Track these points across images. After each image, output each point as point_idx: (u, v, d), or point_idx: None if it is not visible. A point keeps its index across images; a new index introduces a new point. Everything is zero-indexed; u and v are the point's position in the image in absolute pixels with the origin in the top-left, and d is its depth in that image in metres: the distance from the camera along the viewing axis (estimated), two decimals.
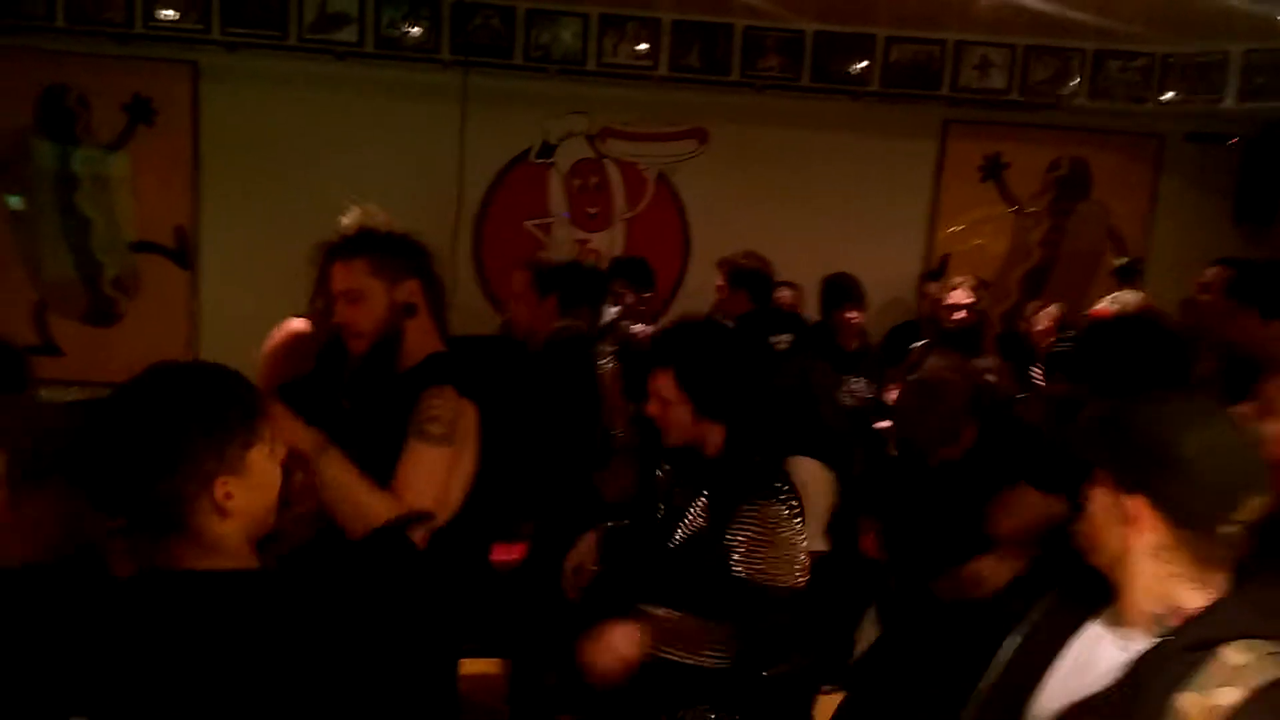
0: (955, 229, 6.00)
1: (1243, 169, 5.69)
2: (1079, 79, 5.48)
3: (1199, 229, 5.62)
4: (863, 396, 4.52)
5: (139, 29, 5.19)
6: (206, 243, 5.72)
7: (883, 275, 5.41)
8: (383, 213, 2.32)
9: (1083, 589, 1.47)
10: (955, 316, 4.41)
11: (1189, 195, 5.87)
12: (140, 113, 5.57)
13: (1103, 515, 1.40)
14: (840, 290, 4.66)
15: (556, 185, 5.91)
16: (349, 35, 5.31)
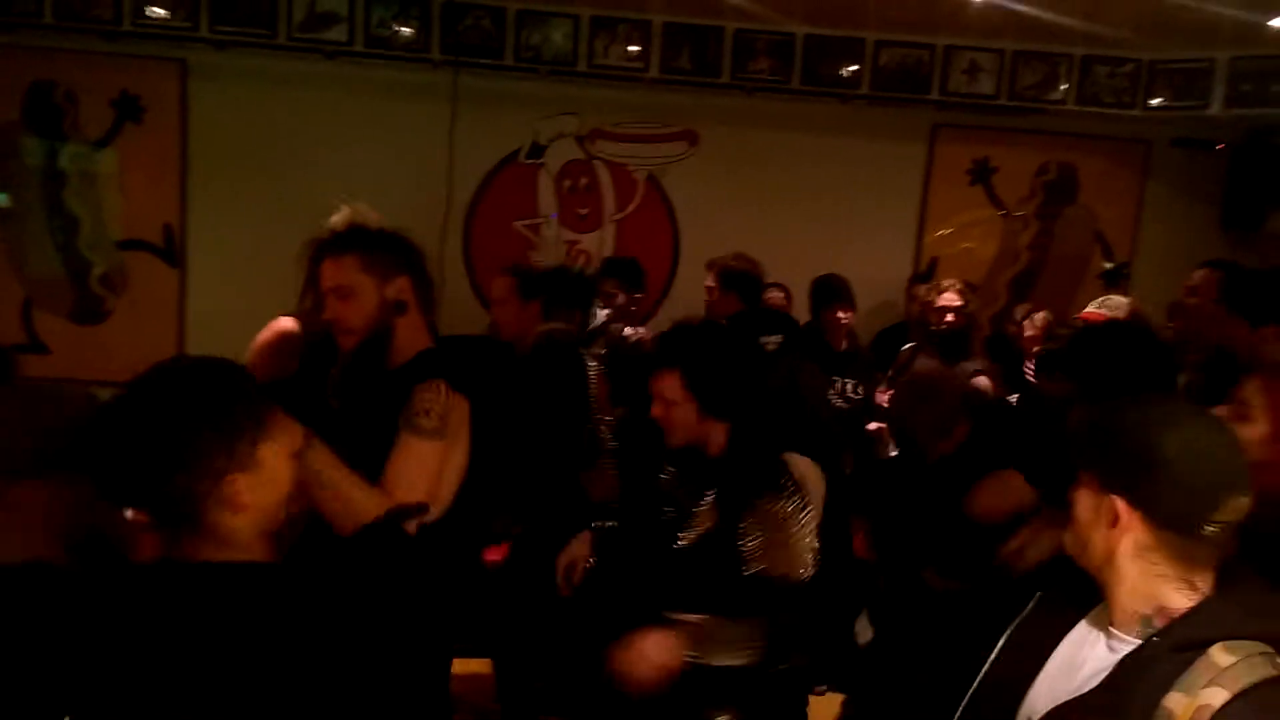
0: (944, 232, 6.02)
1: (1230, 175, 5.72)
2: (1067, 84, 5.49)
3: (1186, 234, 5.64)
4: (853, 398, 4.52)
5: (127, 26, 5.16)
6: (194, 241, 5.69)
7: (871, 278, 5.39)
8: (373, 212, 2.32)
9: (1070, 590, 1.48)
10: (944, 319, 4.43)
11: (1176, 200, 5.90)
12: (128, 110, 5.55)
13: (1088, 517, 1.41)
14: (829, 290, 4.66)
15: (546, 186, 5.90)
16: (338, 34, 5.29)
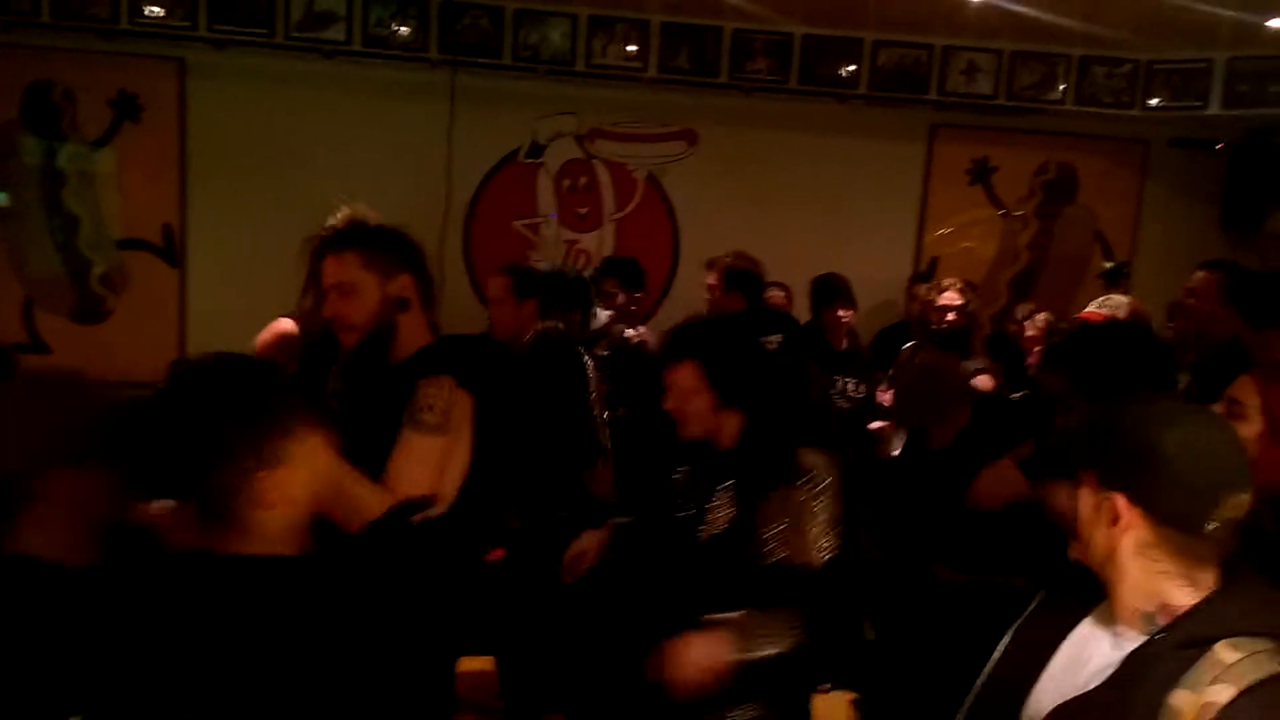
0: (944, 232, 6.03)
1: (1229, 175, 5.73)
2: (1065, 84, 5.50)
3: (1185, 234, 5.66)
4: (854, 398, 4.52)
5: (125, 25, 5.14)
6: (194, 240, 5.68)
7: (871, 277, 5.40)
8: (372, 211, 2.32)
9: (1074, 588, 1.48)
10: (945, 318, 4.43)
11: (1175, 200, 5.91)
12: (126, 109, 5.53)
13: (1089, 515, 1.41)
14: (830, 289, 4.66)
15: (545, 185, 5.90)
16: (336, 33, 5.28)
